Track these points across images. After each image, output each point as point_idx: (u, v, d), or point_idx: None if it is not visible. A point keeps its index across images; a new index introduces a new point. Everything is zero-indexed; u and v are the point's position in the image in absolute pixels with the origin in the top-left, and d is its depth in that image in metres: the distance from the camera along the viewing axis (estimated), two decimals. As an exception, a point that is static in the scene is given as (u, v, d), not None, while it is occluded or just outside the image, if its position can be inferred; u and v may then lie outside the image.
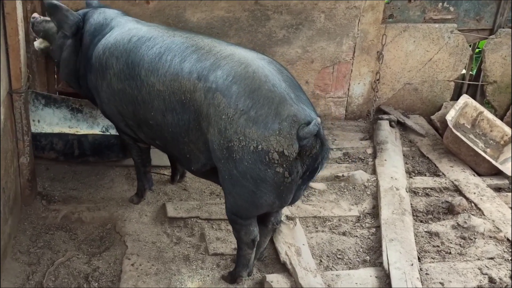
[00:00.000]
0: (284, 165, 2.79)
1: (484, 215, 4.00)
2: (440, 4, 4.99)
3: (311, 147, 2.79)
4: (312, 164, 2.86)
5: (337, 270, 3.47)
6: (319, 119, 2.77)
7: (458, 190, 4.28)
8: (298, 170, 2.83)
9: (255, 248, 3.21)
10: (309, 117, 2.79)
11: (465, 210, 4.02)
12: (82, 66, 3.63)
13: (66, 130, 4.39)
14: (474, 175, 4.44)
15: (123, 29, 3.46)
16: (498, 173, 4.50)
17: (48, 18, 3.78)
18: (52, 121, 4.43)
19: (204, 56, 3.04)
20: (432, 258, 3.61)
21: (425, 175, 4.47)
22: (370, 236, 3.77)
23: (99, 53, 3.45)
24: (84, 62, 3.60)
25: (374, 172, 4.39)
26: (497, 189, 4.37)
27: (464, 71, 5.36)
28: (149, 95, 3.20)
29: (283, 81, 2.89)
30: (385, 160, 4.45)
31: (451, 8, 5.02)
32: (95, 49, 3.48)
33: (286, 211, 3.72)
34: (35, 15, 3.89)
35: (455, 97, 5.30)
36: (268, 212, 3.17)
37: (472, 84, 5.37)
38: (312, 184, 4.09)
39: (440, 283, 3.39)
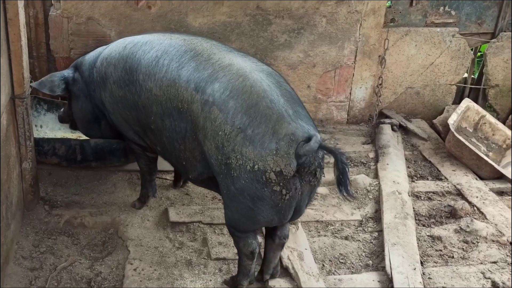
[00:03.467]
0: (281, 184, 2.75)
1: (486, 219, 4.00)
2: (442, 8, 4.99)
3: (309, 163, 2.75)
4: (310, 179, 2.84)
5: (339, 274, 3.47)
6: (319, 136, 2.74)
7: (460, 194, 4.27)
8: (296, 187, 2.80)
9: (255, 259, 3.17)
10: (307, 134, 2.74)
11: (468, 214, 4.01)
12: (90, 99, 3.66)
13: (69, 135, 4.39)
14: (477, 179, 4.43)
15: (117, 41, 3.54)
16: (500, 176, 4.49)
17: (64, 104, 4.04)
18: (55, 126, 4.44)
19: (202, 65, 3.01)
20: (434, 262, 3.61)
21: (428, 179, 4.47)
22: (372, 241, 3.76)
23: (98, 66, 3.50)
24: (90, 92, 3.62)
25: (376, 176, 4.38)
26: (500, 193, 4.37)
27: (466, 75, 5.36)
28: (148, 100, 3.20)
29: (281, 96, 2.85)
30: (387, 164, 4.45)
31: (453, 12, 5.02)
32: (95, 67, 3.52)
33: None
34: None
35: (457, 101, 5.30)
36: (274, 226, 3.13)
37: (474, 88, 5.37)
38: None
39: (443, 287, 3.39)
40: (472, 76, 5.44)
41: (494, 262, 3.61)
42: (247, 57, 3.12)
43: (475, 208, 4.11)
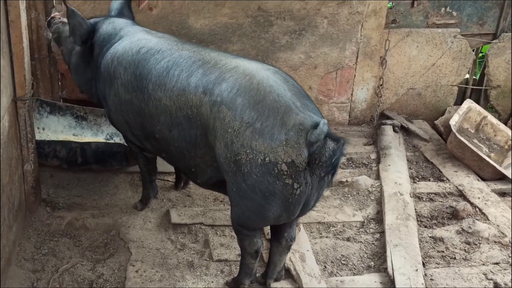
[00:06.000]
0: (293, 176, 2.74)
1: (488, 220, 3.99)
2: (443, 9, 4.99)
3: (320, 154, 2.73)
4: (326, 168, 2.77)
5: (341, 276, 3.47)
6: (326, 120, 2.73)
7: (462, 195, 4.27)
8: (307, 181, 2.79)
9: (258, 258, 3.18)
10: (315, 122, 2.74)
11: (470, 215, 4.01)
12: (93, 75, 3.66)
13: (71, 138, 4.40)
14: (478, 180, 4.43)
15: (132, 38, 3.47)
16: (502, 177, 4.48)
17: (65, 21, 3.80)
18: (57, 129, 4.44)
19: (209, 70, 3.03)
20: (436, 263, 3.61)
21: (429, 180, 4.47)
22: (374, 242, 3.76)
23: (107, 62, 3.47)
24: (94, 71, 3.63)
25: (378, 177, 4.38)
26: (502, 194, 4.36)
27: (467, 76, 5.36)
28: (156, 109, 3.20)
29: (288, 90, 2.86)
30: (389, 165, 4.45)
31: (454, 13, 5.02)
32: (104, 58, 3.51)
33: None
34: (56, 14, 3.96)
35: (459, 101, 5.29)
36: (281, 227, 3.13)
37: (476, 89, 5.37)
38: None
39: (445, 288, 3.39)
40: (474, 77, 5.44)
41: (496, 263, 3.60)
42: (252, 60, 3.15)
43: (477, 209, 4.11)
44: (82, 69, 3.73)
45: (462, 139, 4.51)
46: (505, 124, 5.09)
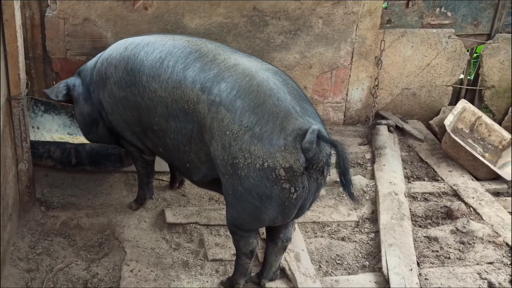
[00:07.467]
0: (291, 181, 2.74)
1: (483, 219, 4.01)
2: (438, 9, 5.00)
3: (317, 160, 2.74)
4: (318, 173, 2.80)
5: (336, 275, 3.47)
6: (315, 127, 2.72)
7: (456, 195, 4.28)
8: (304, 185, 2.79)
9: (253, 258, 3.18)
10: (308, 128, 2.73)
11: (464, 215, 4.02)
12: (90, 102, 3.69)
13: (66, 137, 4.38)
14: (473, 180, 4.44)
15: (117, 43, 3.54)
16: (496, 177, 4.50)
17: None
18: (52, 128, 4.43)
19: (207, 65, 3.01)
20: (431, 263, 3.61)
21: (424, 180, 4.48)
22: (369, 241, 3.77)
23: (98, 67, 3.50)
24: (90, 93, 3.66)
25: (372, 177, 4.39)
26: (496, 194, 4.38)
27: (462, 76, 5.37)
28: (152, 101, 3.19)
29: (288, 93, 2.85)
30: (384, 165, 4.45)
31: (449, 13, 5.04)
32: (95, 68, 3.55)
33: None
34: None
35: (453, 102, 5.31)
36: (277, 228, 3.13)
37: (470, 89, 5.38)
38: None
39: (439, 288, 3.40)
40: (468, 77, 5.45)
41: (491, 263, 3.61)
42: (252, 57, 3.13)
43: (471, 208, 4.12)
44: (79, 113, 3.79)
45: (456, 139, 4.53)
46: (499, 124, 5.11)
